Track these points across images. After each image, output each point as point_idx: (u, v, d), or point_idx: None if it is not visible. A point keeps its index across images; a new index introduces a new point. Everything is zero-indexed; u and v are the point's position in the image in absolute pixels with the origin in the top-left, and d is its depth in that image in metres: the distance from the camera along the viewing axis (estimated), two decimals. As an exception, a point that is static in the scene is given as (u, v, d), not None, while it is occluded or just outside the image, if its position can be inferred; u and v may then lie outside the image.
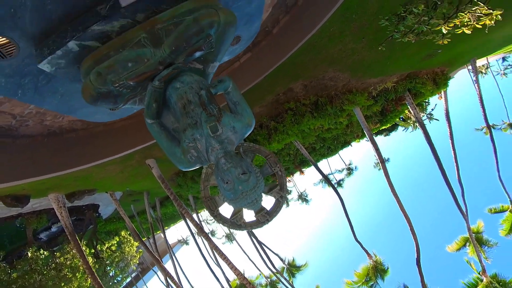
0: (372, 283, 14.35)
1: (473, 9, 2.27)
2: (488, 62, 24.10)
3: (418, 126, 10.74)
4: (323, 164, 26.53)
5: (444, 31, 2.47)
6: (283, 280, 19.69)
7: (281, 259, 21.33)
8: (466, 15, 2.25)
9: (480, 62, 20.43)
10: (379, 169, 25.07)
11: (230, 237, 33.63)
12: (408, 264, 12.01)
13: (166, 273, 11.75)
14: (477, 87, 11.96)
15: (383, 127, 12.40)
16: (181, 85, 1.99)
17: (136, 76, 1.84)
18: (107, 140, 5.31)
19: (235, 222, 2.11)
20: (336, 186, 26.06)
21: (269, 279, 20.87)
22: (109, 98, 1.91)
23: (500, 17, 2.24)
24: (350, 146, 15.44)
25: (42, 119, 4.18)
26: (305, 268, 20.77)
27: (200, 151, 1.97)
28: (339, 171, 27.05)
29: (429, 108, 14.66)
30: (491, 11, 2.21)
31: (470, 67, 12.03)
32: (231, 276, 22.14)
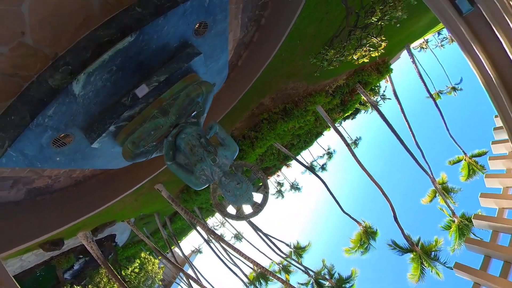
0: (366, 245, 15.48)
1: (367, 43, 3.17)
2: (426, 39, 25.95)
3: (373, 108, 11.91)
4: (306, 154, 27.90)
5: (356, 58, 3.36)
6: (293, 262, 20.50)
7: (287, 245, 22.17)
8: (364, 48, 3.15)
9: (418, 42, 22.09)
10: (354, 148, 26.53)
11: (238, 237, 34.19)
12: (392, 223, 13.12)
13: (191, 277, 12.27)
14: (415, 66, 13.34)
15: (347, 114, 13.55)
16: (186, 136, 2.76)
17: (157, 138, 2.60)
18: (123, 177, 5.93)
19: (239, 216, 2.89)
20: (320, 170, 27.51)
21: (281, 265, 21.59)
22: (142, 156, 2.66)
23: (383, 48, 3.17)
24: (322, 135, 16.50)
25: (71, 174, 4.78)
26: (309, 248, 21.64)
27: (207, 175, 2.75)
28: (321, 157, 28.53)
29: (384, 91, 16.12)
30: (380, 42, 3.11)
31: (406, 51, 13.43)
32: (247, 270, 22.74)
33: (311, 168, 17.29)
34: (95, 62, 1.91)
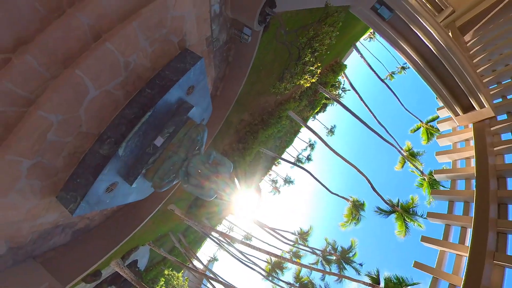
0: (358, 216, 16.57)
1: (308, 71, 4.11)
2: (373, 31, 27.92)
3: (335, 102, 13.06)
4: (292, 150, 29.12)
5: (302, 83, 4.29)
6: (300, 247, 21.31)
7: (292, 233, 23.01)
8: (305, 76, 4.08)
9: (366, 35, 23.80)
10: (331, 136, 27.96)
11: (248, 237, 34.69)
12: (374, 194, 14.26)
13: (214, 280, 12.81)
14: (363, 60, 14.69)
15: (316, 110, 14.64)
16: (194, 165, 3.57)
17: (175, 172, 3.41)
18: (142, 205, 6.57)
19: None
20: (307, 161, 28.72)
21: (291, 252, 22.34)
22: (167, 184, 3.44)
23: (318, 72, 4.15)
24: (300, 132, 17.57)
25: (103, 211, 5.43)
26: (311, 231, 22.55)
27: (214, 188, 3.57)
28: (304, 149, 29.74)
29: (343, 85, 17.44)
30: (316, 70, 4.07)
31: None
32: (263, 264, 23.31)
33: (296, 163, 18.27)
34: (130, 132, 2.70)
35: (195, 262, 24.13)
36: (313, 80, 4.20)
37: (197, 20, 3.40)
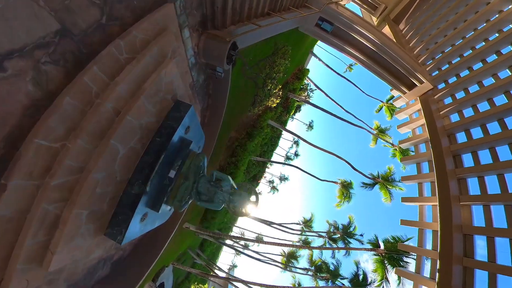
0: (348, 194, 17.53)
1: (274, 94, 4.93)
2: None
3: (305, 102, 14.11)
4: (280, 150, 30.16)
5: (269, 104, 5.11)
6: (307, 234, 21.99)
7: (297, 223, 23.70)
8: (271, 98, 4.90)
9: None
10: (310, 130, 29.15)
11: (259, 237, 35.01)
12: (357, 173, 15.29)
13: (239, 281, 13.20)
14: (321, 62, 15.93)
15: (292, 113, 15.66)
16: (202, 185, 4.23)
17: (189, 194, 4.07)
18: (163, 228, 7.08)
19: (245, 212, 4.44)
20: (296, 157, 29.83)
21: (300, 241, 22.98)
22: (185, 205, 4.09)
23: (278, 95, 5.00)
24: (283, 134, 18.49)
25: (132, 241, 5.92)
26: (313, 218, 23.36)
27: (221, 199, 4.24)
28: (291, 147, 30.83)
29: (309, 86, 18.79)
30: (278, 92, 4.91)
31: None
32: (278, 258, 23.75)
33: (285, 162, 19.17)
34: (152, 172, 3.37)
35: (217, 271, 24.16)
36: (277, 101, 5.03)
37: (181, 76, 4.14)
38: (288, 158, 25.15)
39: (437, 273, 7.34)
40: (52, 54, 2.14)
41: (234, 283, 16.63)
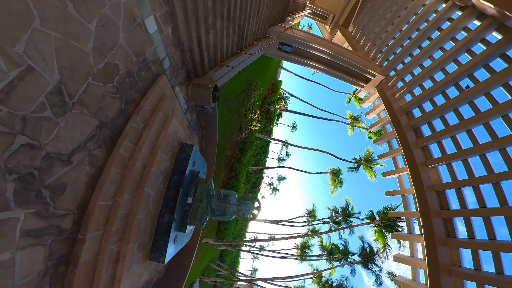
0: (339, 180, 18.52)
1: (255, 119, 5.81)
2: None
3: (284, 111, 15.20)
4: (272, 154, 31.21)
5: (252, 128, 5.98)
6: (313, 223, 22.70)
7: (302, 216, 24.42)
8: (254, 123, 5.76)
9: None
10: (295, 130, 30.33)
11: (271, 237, 35.44)
12: (342, 162, 16.29)
13: (264, 280, 13.68)
14: (291, 72, 17.22)
15: (275, 121, 16.66)
16: (213, 203, 5.00)
17: (205, 213, 4.82)
18: (188, 245, 7.69)
19: (254, 215, 5.21)
20: (288, 157, 30.87)
21: (308, 231, 23.64)
22: (204, 222, 4.84)
23: (259, 119, 5.85)
24: (271, 142, 19.50)
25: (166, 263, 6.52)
26: (315, 208, 24.15)
27: (232, 210, 5.01)
28: (281, 149, 31.86)
29: (285, 95, 20.01)
30: (258, 118, 5.78)
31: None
32: (293, 251, 24.20)
33: (279, 166, 20.06)
34: (176, 203, 4.12)
35: (240, 277, 24.26)
36: (259, 125, 5.91)
37: (180, 123, 4.96)
38: (281, 159, 26.13)
39: (422, 229, 8.24)
40: (97, 142, 2.93)
41: (258, 283, 17.03)
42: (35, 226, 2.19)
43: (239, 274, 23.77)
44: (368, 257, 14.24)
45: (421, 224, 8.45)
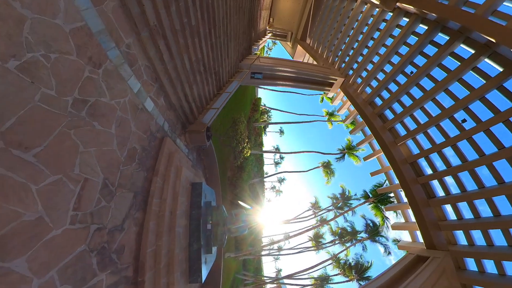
0: (331, 171, 19.59)
1: (246, 147, 6.72)
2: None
3: (267, 124, 16.32)
4: (268, 160, 32.23)
5: (245, 154, 6.88)
6: (319, 213, 23.52)
7: (308, 210, 25.25)
8: (245, 151, 6.69)
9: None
10: (282, 135, 31.53)
11: (285, 236, 35.93)
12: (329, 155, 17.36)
13: (288, 277, 14.25)
14: (267, 88, 18.61)
15: (262, 134, 17.68)
16: (229, 224, 5.82)
17: (223, 232, 5.64)
18: (215, 264, 8.35)
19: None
20: (282, 161, 31.88)
21: (317, 222, 24.44)
22: (224, 241, 5.64)
23: (248, 151, 6.83)
24: (263, 153, 20.54)
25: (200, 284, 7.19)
26: (318, 200, 25.12)
27: (243, 226, 5.85)
28: (275, 155, 32.86)
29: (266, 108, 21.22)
30: (248, 145, 6.71)
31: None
32: (309, 243, 24.75)
33: (274, 173, 21.00)
34: (200, 233, 4.94)
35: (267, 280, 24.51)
36: (250, 152, 6.87)
37: (187, 168, 5.83)
38: (277, 163, 27.18)
39: (405, 198, 9.20)
40: (135, 207, 3.76)
41: (284, 281, 17.52)
42: (112, 281, 3.01)
43: (264, 278, 24.05)
44: (373, 232, 15.14)
45: (404, 193, 9.38)
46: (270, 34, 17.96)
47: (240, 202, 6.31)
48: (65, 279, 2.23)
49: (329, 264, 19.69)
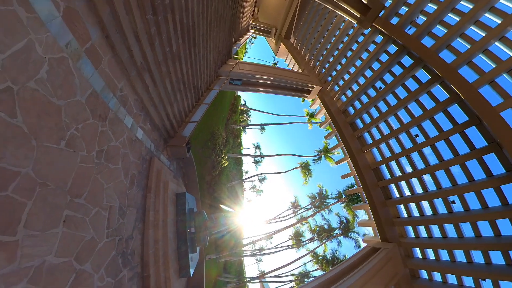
0: (309, 171, 22.33)
1: (223, 158, 8.41)
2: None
3: (246, 126, 18.03)
4: (249, 158, 34.25)
5: (223, 164, 8.55)
6: (299, 212, 26.47)
7: (288, 209, 28.09)
8: (223, 161, 8.34)
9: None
10: (264, 132, 33.61)
11: (268, 237, 38.95)
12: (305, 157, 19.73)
13: (267, 272, 16.68)
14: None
15: (241, 135, 19.40)
16: (209, 226, 7.65)
17: (205, 234, 7.48)
18: (197, 266, 10.21)
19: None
20: (261, 159, 34.11)
21: (298, 221, 27.41)
22: (207, 242, 7.50)
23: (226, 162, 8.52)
24: (242, 156, 22.35)
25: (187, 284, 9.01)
26: (298, 199, 28.03)
27: (223, 228, 7.75)
28: (255, 152, 34.91)
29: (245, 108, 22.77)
30: (226, 156, 8.38)
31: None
32: (290, 242, 27.70)
33: (253, 175, 23.11)
34: (186, 236, 6.72)
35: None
36: (227, 162, 8.61)
37: (171, 180, 7.46)
38: (257, 162, 29.26)
39: (366, 199, 11.79)
40: (139, 220, 5.42)
41: (267, 279, 20.04)
42: (130, 275, 4.69)
43: (248, 279, 26.52)
44: (346, 229, 18.21)
45: (365, 195, 11.99)
46: (253, 30, 19.20)
47: (221, 206, 8.13)
48: (108, 274, 3.90)
49: (309, 261, 22.72)
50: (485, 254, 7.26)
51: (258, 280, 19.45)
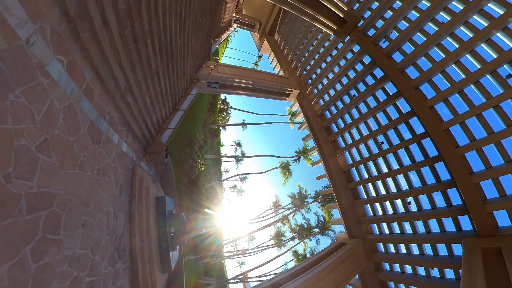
0: (289, 171, 24.57)
1: (201, 162, 9.98)
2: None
3: (225, 126, 19.61)
4: (228, 157, 35.81)
5: (199, 168, 10.12)
6: (279, 211, 28.86)
7: (269, 209, 30.33)
8: (200, 165, 9.93)
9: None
10: (245, 129, 35.31)
11: (251, 238, 41.25)
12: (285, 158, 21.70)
13: (250, 270, 18.76)
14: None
15: (220, 135, 20.92)
16: (188, 227, 9.40)
17: (183, 234, 9.24)
18: (177, 267, 11.93)
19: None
20: (242, 158, 35.83)
21: (279, 220, 29.87)
22: (185, 241, 9.26)
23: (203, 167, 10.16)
24: (222, 156, 23.87)
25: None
26: (279, 199, 30.37)
27: (201, 228, 9.54)
28: (235, 151, 36.46)
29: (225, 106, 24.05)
30: (203, 161, 10.00)
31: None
32: (271, 242, 30.12)
33: (232, 175, 24.92)
34: (167, 236, 8.43)
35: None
36: (204, 167, 10.27)
37: (151, 185, 9.06)
38: (238, 160, 30.83)
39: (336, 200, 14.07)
40: (127, 221, 7.06)
41: (249, 280, 22.19)
42: (123, 267, 6.36)
43: (230, 281, 28.62)
44: (323, 227, 20.77)
45: (335, 197, 14.31)
46: (236, 25, 20.44)
47: (200, 209, 9.89)
48: (109, 264, 5.57)
49: (291, 260, 25.20)
50: (433, 248, 9.73)
51: (240, 280, 21.54)
